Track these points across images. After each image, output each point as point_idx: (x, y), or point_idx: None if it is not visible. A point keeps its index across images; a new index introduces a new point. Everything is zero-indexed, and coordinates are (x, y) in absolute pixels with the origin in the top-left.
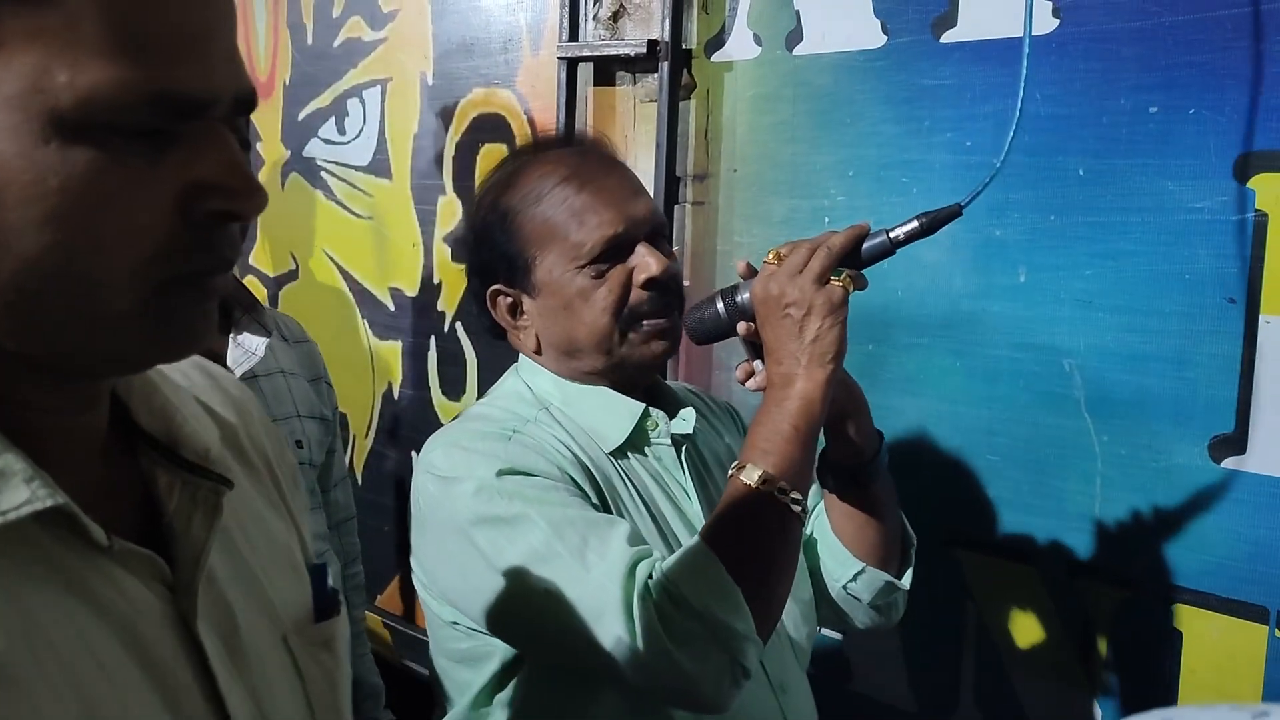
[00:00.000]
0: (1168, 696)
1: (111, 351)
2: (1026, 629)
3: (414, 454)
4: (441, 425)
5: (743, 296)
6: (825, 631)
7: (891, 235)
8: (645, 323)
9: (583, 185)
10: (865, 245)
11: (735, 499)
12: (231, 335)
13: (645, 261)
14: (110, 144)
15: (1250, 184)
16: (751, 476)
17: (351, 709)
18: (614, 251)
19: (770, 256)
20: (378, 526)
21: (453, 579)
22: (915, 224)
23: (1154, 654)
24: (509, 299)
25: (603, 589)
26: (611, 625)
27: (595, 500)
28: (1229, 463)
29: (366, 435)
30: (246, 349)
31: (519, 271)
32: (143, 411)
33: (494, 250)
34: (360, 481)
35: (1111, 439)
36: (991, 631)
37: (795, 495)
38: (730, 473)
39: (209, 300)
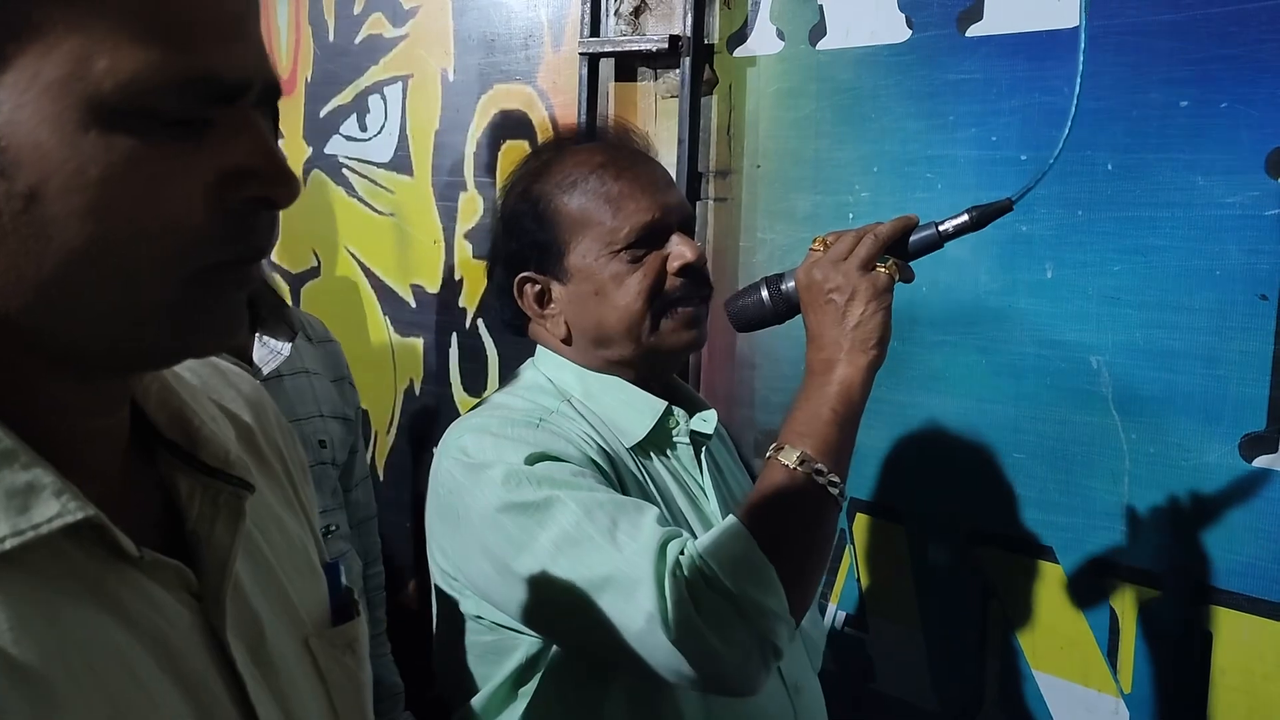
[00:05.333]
0: (1196, 697)
1: (149, 344)
2: (1052, 628)
3: (435, 450)
4: None
5: (787, 285)
6: (848, 629)
7: (940, 228)
8: (678, 308)
9: (619, 174)
10: (913, 238)
11: (772, 480)
12: (257, 334)
13: (680, 249)
14: (150, 131)
15: None
16: (789, 458)
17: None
18: (649, 238)
19: (815, 244)
20: (400, 523)
21: (480, 567)
22: (965, 218)
23: (1182, 654)
24: (537, 287)
25: (634, 567)
26: (643, 603)
27: (618, 490)
28: (1260, 461)
29: (388, 432)
30: (272, 348)
31: (550, 258)
32: (160, 415)
33: (524, 238)
34: (382, 478)
35: (1140, 437)
36: (1016, 630)
37: (834, 479)
38: (768, 455)
39: (244, 289)
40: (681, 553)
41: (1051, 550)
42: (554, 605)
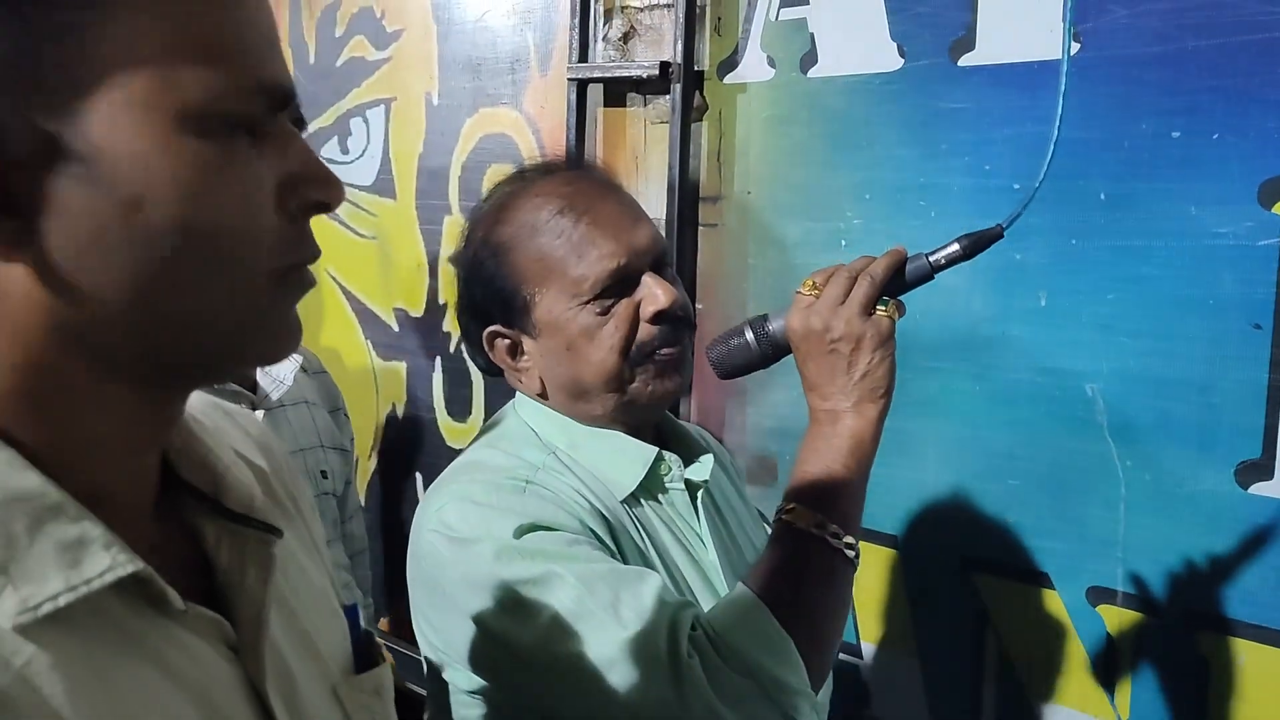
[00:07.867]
0: None
1: (243, 346)
2: (1049, 655)
3: (418, 475)
4: (446, 446)
5: (775, 325)
6: (844, 656)
7: (931, 260)
8: (657, 355)
9: (580, 215)
10: (906, 270)
11: (785, 544)
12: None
13: (653, 294)
14: (228, 139)
15: (1276, 209)
16: (802, 520)
17: None
18: (618, 285)
19: (805, 287)
20: (373, 549)
21: (473, 643)
22: (956, 247)
23: (1179, 682)
24: (507, 341)
25: (643, 646)
26: (654, 685)
27: (613, 550)
28: (1256, 489)
29: (370, 456)
30: (276, 377)
31: (516, 311)
32: (183, 461)
33: (488, 289)
34: (364, 503)
35: (1135, 464)
36: (1013, 658)
37: (849, 540)
38: (777, 516)
39: (305, 293)
40: (693, 628)
41: (1048, 577)
42: (559, 685)
